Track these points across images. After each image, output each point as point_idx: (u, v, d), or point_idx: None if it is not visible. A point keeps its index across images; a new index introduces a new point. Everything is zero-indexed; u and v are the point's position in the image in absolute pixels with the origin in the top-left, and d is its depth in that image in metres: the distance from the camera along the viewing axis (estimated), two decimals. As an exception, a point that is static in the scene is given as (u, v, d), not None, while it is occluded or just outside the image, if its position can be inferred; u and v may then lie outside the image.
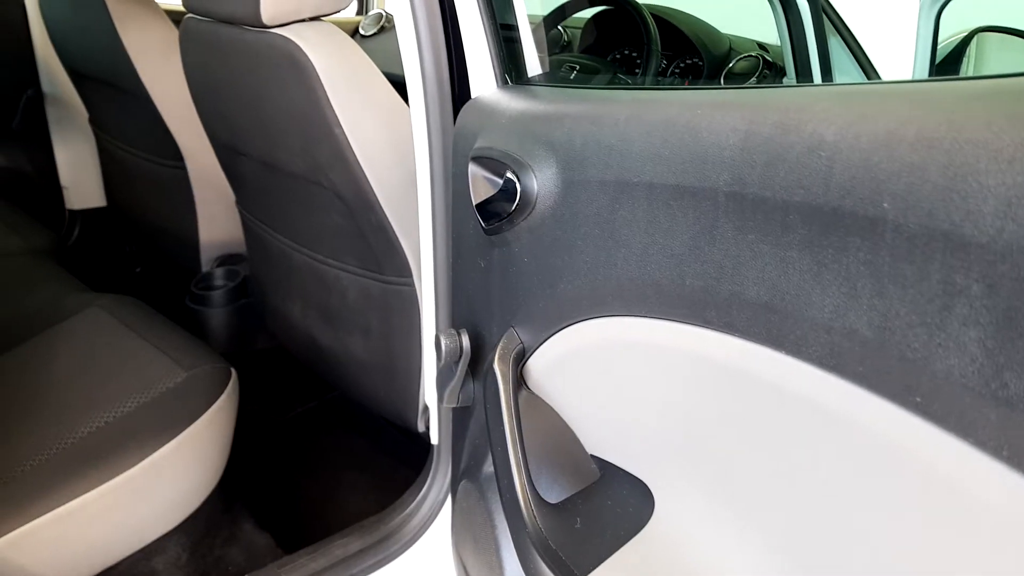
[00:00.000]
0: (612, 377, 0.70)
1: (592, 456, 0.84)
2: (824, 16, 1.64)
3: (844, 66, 1.60)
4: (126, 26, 1.65)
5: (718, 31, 1.85)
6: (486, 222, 0.81)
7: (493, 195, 0.78)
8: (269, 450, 1.74)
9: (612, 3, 1.78)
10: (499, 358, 0.81)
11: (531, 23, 0.98)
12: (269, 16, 1.12)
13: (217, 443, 1.24)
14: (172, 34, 1.65)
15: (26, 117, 2.18)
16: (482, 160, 0.81)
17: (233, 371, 1.31)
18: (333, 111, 1.13)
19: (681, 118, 0.55)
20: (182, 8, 1.30)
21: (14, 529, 0.98)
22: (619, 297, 0.63)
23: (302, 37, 1.13)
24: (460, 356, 0.89)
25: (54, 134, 2.24)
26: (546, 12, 1.88)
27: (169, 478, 1.16)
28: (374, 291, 1.34)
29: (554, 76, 0.99)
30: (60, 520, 1.02)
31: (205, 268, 1.95)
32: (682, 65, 1.80)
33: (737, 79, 1.67)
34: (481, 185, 0.81)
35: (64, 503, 1.02)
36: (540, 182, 0.71)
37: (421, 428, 1.40)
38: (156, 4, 1.74)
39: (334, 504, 1.61)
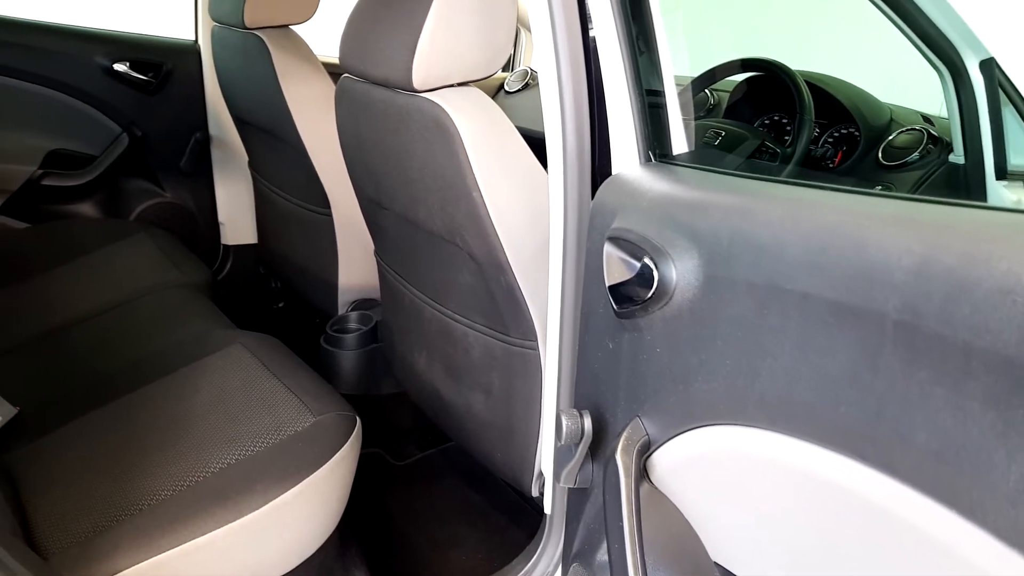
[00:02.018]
0: (748, 490, 0.65)
1: (716, 564, 0.78)
2: (999, 87, 1.52)
3: (1020, 144, 1.46)
4: (288, 80, 1.76)
5: (878, 100, 1.75)
6: (619, 305, 0.79)
7: (628, 279, 0.75)
8: (385, 494, 1.76)
9: (764, 69, 1.72)
10: (623, 448, 0.77)
11: (680, 85, 0.96)
12: (419, 81, 1.15)
13: (337, 491, 1.26)
14: (329, 88, 1.74)
15: (193, 157, 2.37)
16: (619, 241, 0.79)
17: (358, 420, 1.34)
18: (473, 175, 1.15)
19: (846, 227, 0.51)
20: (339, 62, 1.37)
21: (142, 560, 1.02)
22: (761, 409, 0.58)
23: (449, 102, 1.15)
24: (581, 438, 0.87)
25: (216, 174, 2.42)
26: (695, 75, 1.84)
27: (289, 523, 1.18)
28: (498, 351, 1.34)
29: (700, 155, 0.96)
30: (186, 555, 1.06)
31: (341, 311, 2.02)
32: (836, 135, 1.71)
33: (897, 153, 1.57)
34: (616, 267, 0.78)
35: (191, 539, 1.06)
36: (680, 273, 0.68)
37: (535, 493, 1.38)
38: (317, 60, 1.85)
39: (444, 558, 1.60)
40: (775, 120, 1.82)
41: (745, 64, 1.77)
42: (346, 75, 1.38)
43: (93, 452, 1.23)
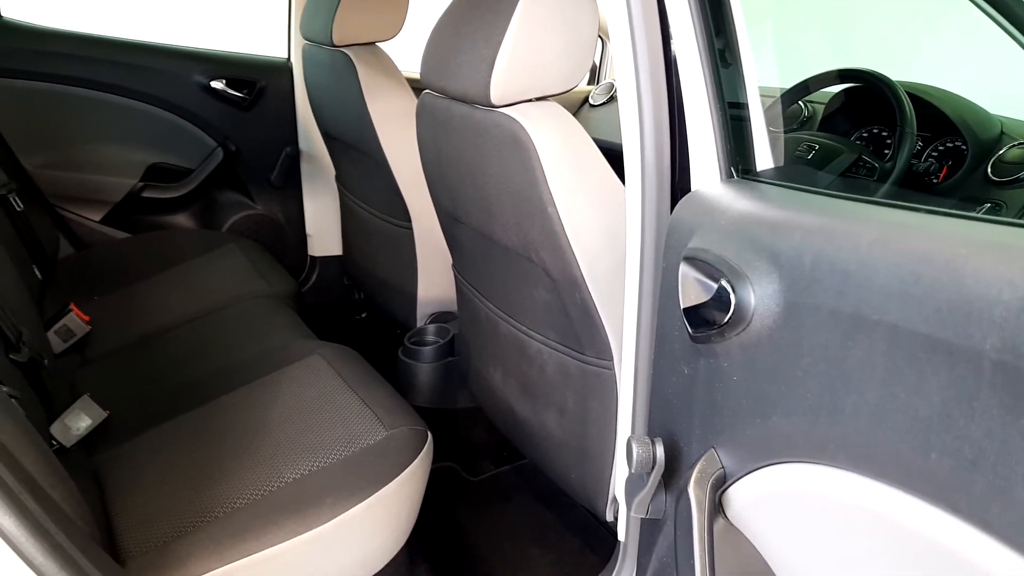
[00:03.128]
0: (829, 534, 0.60)
1: (795, 609, 0.73)
2: None
3: None
4: (373, 96, 1.78)
5: (987, 112, 1.64)
6: (694, 328, 0.75)
7: (704, 302, 0.71)
8: (458, 509, 1.75)
9: (860, 80, 1.64)
10: (696, 481, 0.73)
11: (769, 97, 0.91)
12: (497, 96, 1.14)
13: (406, 506, 1.26)
14: (411, 104, 1.76)
15: (283, 171, 2.44)
16: (695, 261, 0.75)
17: (429, 435, 1.33)
18: (549, 190, 1.13)
19: (940, 254, 0.46)
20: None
21: (213, 569, 1.04)
22: (844, 449, 0.53)
23: (527, 117, 1.14)
24: (652, 467, 0.83)
25: (305, 187, 2.50)
26: (787, 86, 1.77)
27: (358, 536, 1.19)
28: (573, 369, 1.31)
29: (790, 171, 0.91)
30: (254, 566, 1.07)
31: (420, 323, 2.03)
32: (941, 148, 1.61)
33: (1009, 168, 1.46)
34: (692, 288, 0.74)
35: (260, 550, 1.07)
36: (758, 297, 0.63)
37: (609, 518, 1.34)
38: (401, 76, 1.87)
39: (515, 579, 1.58)
40: (874, 133, 1.73)
41: (841, 75, 1.69)
42: (427, 91, 1.39)
43: (176, 457, 1.26)
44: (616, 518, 1.24)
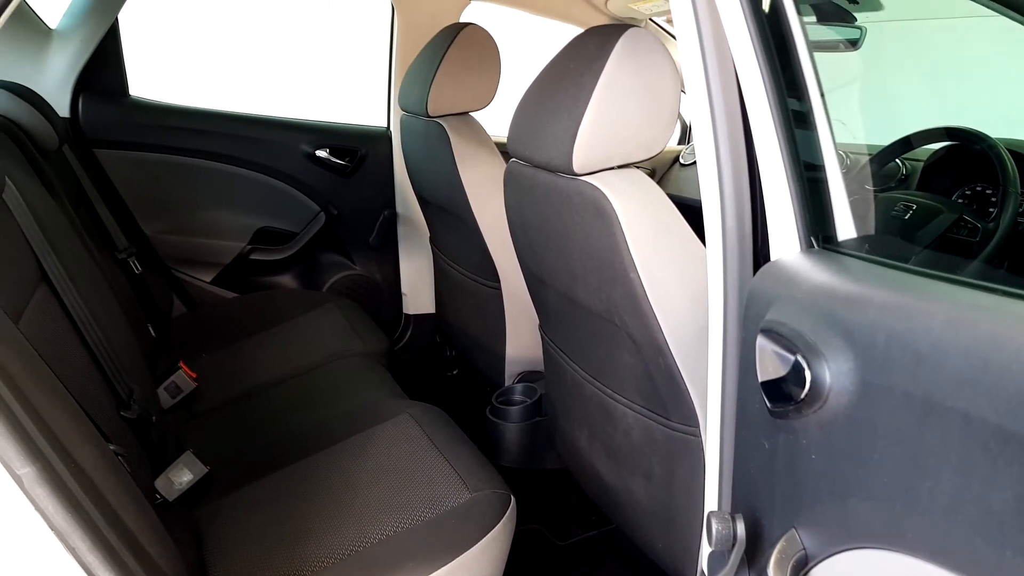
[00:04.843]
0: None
1: None
2: None
3: None
4: (464, 163, 1.85)
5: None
6: (772, 403, 0.73)
7: (781, 376, 0.70)
8: (544, 574, 1.73)
9: (959, 139, 1.58)
10: (776, 563, 0.71)
11: (867, 152, 0.89)
12: (580, 165, 1.17)
13: (488, 570, 1.26)
14: (501, 170, 1.81)
15: (381, 233, 2.55)
16: (772, 334, 0.74)
17: (512, 498, 1.33)
18: (631, 256, 1.14)
19: (1011, 340, 0.44)
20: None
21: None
22: (922, 539, 0.51)
23: (609, 185, 1.16)
24: (733, 545, 0.80)
25: (401, 249, 2.60)
26: (883, 143, 1.73)
27: (440, 601, 1.19)
28: (659, 435, 1.29)
29: (880, 237, 0.88)
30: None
31: (508, 381, 2.05)
32: (1050, 207, 1.52)
33: None
34: (769, 361, 0.73)
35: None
36: (834, 374, 0.62)
37: (698, 591, 1.29)
38: (491, 143, 1.94)
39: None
40: (977, 191, 1.66)
41: (936, 133, 1.64)
42: (513, 159, 1.43)
43: (269, 515, 1.31)
44: (705, 591, 1.20)
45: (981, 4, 1.09)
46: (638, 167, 1.28)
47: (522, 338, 1.99)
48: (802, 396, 0.66)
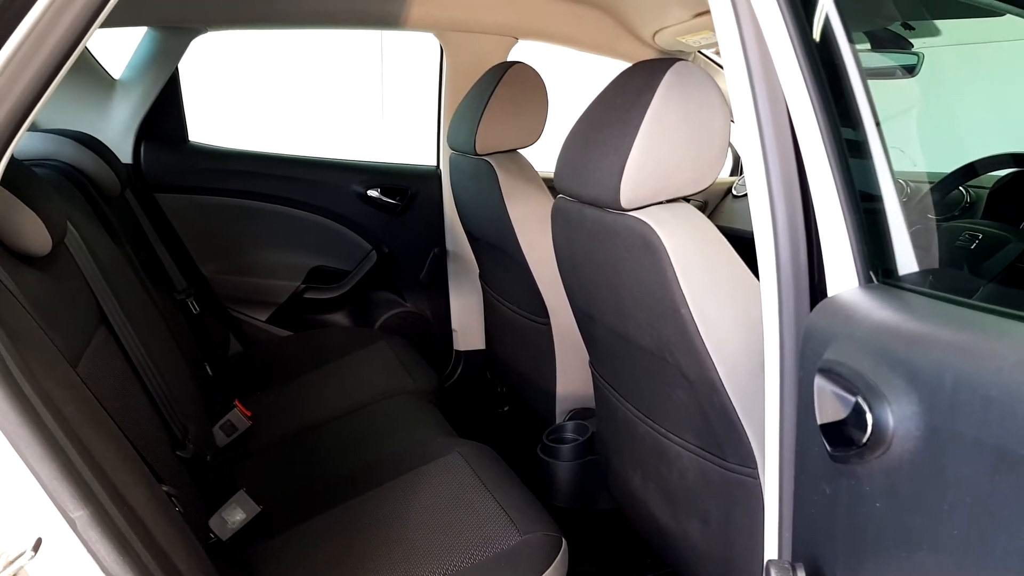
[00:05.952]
0: None
1: None
2: None
3: None
4: (512, 200, 1.86)
5: None
6: (832, 446, 0.70)
7: (842, 419, 0.67)
8: (599, 620, 1.68)
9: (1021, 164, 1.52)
10: (840, 616, 0.67)
11: (927, 180, 0.85)
12: (627, 201, 1.16)
13: (539, 616, 1.23)
14: (548, 207, 1.81)
15: (431, 271, 2.57)
16: (831, 374, 0.71)
17: (564, 542, 1.30)
18: (681, 291, 1.12)
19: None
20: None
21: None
22: (1002, 599, 0.47)
23: (657, 220, 1.14)
24: (794, 596, 0.76)
25: (451, 285, 2.61)
26: (945, 171, 1.67)
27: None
28: (715, 476, 1.25)
29: (944, 271, 0.84)
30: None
31: (559, 419, 2.02)
32: None
33: None
34: (828, 403, 0.70)
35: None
36: (897, 418, 0.59)
37: (760, 639, 1.24)
38: (539, 180, 1.94)
39: None
40: (1048, 219, 1.59)
41: (1002, 159, 1.58)
42: (561, 195, 1.43)
43: (321, 555, 1.31)
44: (766, 640, 1.15)
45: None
46: (688, 200, 1.26)
47: (573, 375, 1.97)
48: (864, 440, 0.63)
